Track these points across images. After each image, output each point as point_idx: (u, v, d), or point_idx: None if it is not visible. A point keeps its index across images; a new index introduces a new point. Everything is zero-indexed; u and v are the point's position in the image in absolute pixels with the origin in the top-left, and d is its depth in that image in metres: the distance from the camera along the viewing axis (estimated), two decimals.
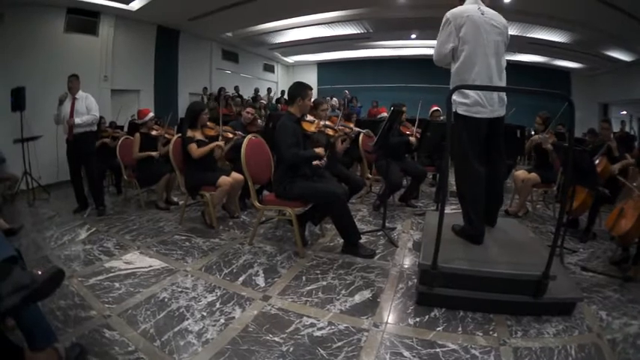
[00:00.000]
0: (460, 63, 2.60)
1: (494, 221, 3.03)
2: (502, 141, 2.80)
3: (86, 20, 7.43)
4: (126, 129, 6.74)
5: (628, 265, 3.11)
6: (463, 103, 2.59)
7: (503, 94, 2.71)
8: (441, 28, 2.65)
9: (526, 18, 8.20)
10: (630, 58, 9.93)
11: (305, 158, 3.29)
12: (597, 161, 3.83)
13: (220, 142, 4.20)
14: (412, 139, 4.80)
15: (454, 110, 2.62)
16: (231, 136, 4.52)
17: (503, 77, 2.69)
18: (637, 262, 3.04)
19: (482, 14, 2.59)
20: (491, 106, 2.60)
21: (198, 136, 4.12)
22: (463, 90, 2.57)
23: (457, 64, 2.63)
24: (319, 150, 3.33)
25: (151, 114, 5.23)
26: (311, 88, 3.43)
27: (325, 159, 3.51)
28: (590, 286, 2.85)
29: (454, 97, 2.56)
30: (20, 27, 6.29)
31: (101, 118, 5.58)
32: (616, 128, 8.35)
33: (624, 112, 12.13)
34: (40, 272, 1.50)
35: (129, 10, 7.78)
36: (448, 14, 2.62)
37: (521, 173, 4.77)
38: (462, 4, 2.69)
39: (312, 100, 3.68)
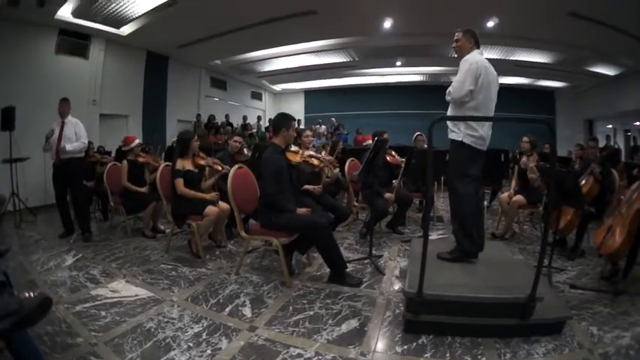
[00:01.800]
0: (472, 108, 2.84)
1: (482, 246, 3.08)
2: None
3: (77, 43, 7.51)
4: (113, 154, 6.71)
5: (618, 279, 3.15)
6: (471, 135, 2.85)
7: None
8: (465, 68, 2.83)
9: (508, 41, 8.49)
10: (615, 72, 10.17)
11: (285, 208, 3.25)
12: (584, 181, 3.91)
13: (212, 195, 4.16)
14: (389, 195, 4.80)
15: (460, 139, 2.87)
16: (219, 168, 4.50)
17: None
18: (627, 275, 3.09)
19: (490, 66, 2.89)
20: (487, 141, 2.93)
21: (188, 165, 4.12)
22: (473, 125, 2.83)
23: (469, 105, 2.84)
24: (302, 210, 3.32)
25: (137, 141, 5.24)
26: (294, 119, 3.50)
27: (320, 187, 3.58)
28: (579, 303, 2.88)
29: (462, 128, 2.86)
30: (12, 45, 6.33)
31: (90, 143, 5.56)
32: (601, 143, 8.49)
33: (610, 126, 12.32)
34: (27, 294, 1.52)
35: (119, 35, 7.88)
36: (472, 60, 2.84)
37: (506, 196, 4.83)
38: (472, 50, 2.94)
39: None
